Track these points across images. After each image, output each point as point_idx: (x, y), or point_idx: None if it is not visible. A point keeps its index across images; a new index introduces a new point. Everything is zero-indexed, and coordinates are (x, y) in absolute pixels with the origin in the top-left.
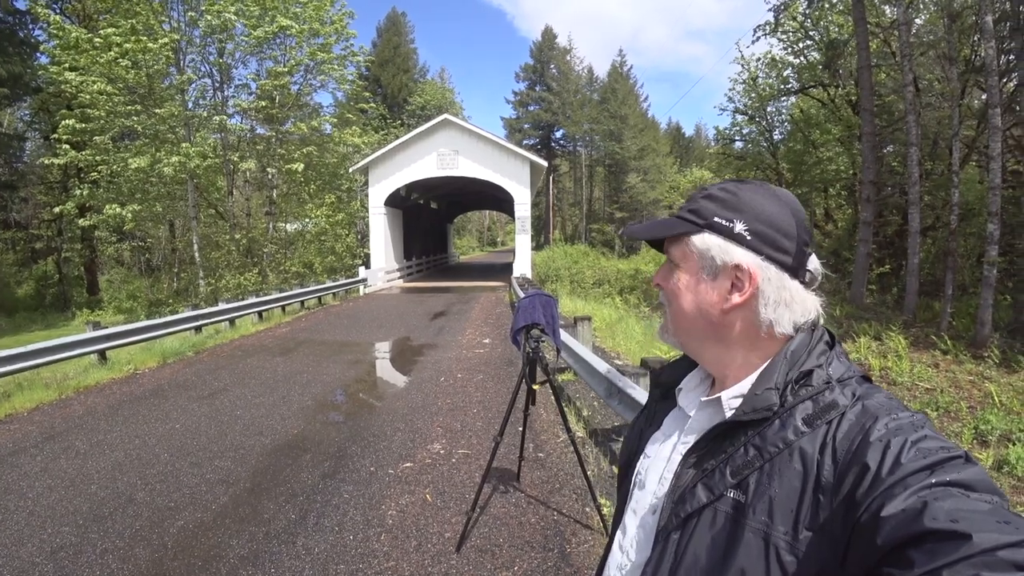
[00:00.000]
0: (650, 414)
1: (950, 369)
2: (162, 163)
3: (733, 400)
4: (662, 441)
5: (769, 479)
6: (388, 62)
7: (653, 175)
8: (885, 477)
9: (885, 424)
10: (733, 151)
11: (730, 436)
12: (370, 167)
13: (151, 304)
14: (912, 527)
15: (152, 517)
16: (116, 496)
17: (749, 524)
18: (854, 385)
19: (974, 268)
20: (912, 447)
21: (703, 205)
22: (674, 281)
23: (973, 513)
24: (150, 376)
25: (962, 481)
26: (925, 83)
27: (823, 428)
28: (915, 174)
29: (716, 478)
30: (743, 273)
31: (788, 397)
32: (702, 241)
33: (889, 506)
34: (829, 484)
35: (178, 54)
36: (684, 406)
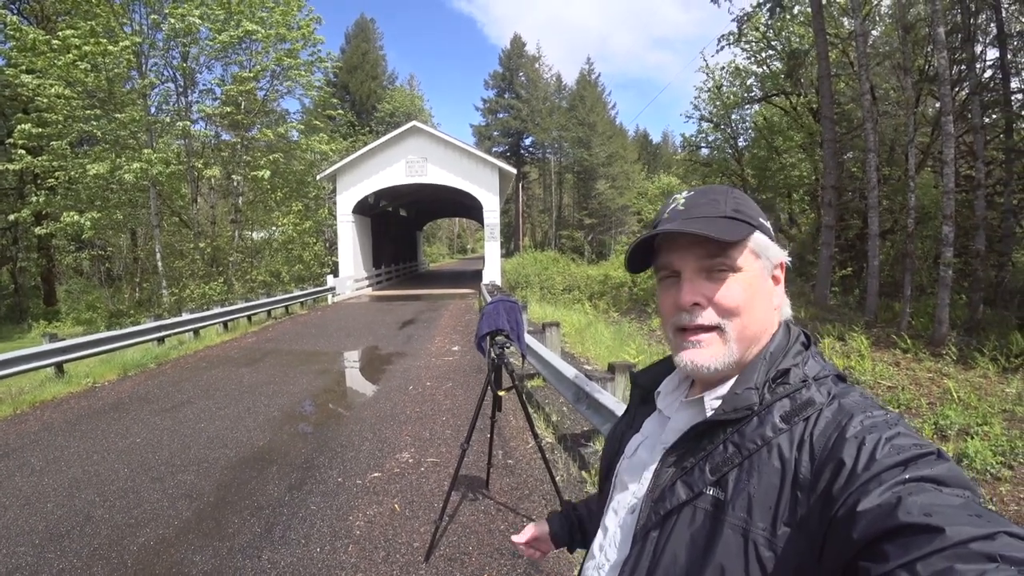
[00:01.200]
0: (630, 418)
1: (910, 367)
2: (123, 169)
3: (714, 400)
4: (641, 443)
5: (748, 476)
6: (356, 68)
7: (621, 181)
8: (860, 473)
9: (860, 421)
10: (699, 158)
11: (709, 434)
12: (338, 174)
13: (112, 315)
14: (887, 521)
15: (111, 535)
16: (74, 514)
17: (728, 520)
18: (830, 384)
19: (931, 269)
20: (886, 444)
21: (741, 206)
22: (736, 289)
23: (946, 507)
24: (110, 389)
25: (935, 476)
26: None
27: (800, 425)
28: (873, 179)
29: (695, 475)
30: (780, 269)
31: (766, 395)
32: (762, 240)
33: (864, 501)
34: (806, 480)
35: (140, 58)
36: (663, 408)
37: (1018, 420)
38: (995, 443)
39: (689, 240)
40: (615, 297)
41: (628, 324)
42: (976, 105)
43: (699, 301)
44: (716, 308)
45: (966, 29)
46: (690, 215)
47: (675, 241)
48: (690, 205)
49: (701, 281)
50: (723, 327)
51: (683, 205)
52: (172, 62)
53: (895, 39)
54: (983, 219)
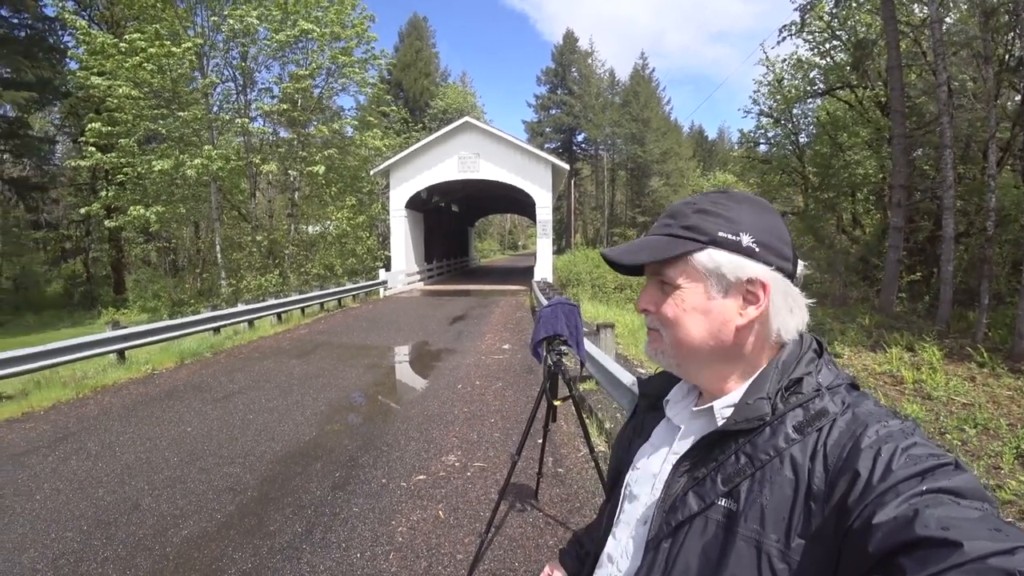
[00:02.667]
0: (638, 425)
1: (987, 383)
2: (186, 165)
3: (725, 409)
4: (651, 453)
5: (760, 487)
6: (410, 66)
7: (676, 179)
8: (876, 484)
9: (876, 431)
10: (757, 154)
11: (721, 444)
12: (391, 170)
13: (174, 304)
14: (903, 535)
15: (156, 525)
16: (122, 501)
17: (740, 532)
18: (843, 392)
19: (1010, 276)
20: (903, 454)
21: (699, 221)
22: (673, 305)
23: (964, 520)
24: (167, 377)
25: (953, 488)
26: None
27: (813, 435)
28: (949, 177)
29: (707, 486)
30: (756, 286)
31: (779, 405)
32: (709, 258)
33: (880, 513)
34: (820, 491)
35: (202, 58)
36: (672, 417)
37: None
38: None
39: None
40: None
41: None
42: None
43: (646, 307)
44: (657, 316)
45: None
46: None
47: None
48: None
49: (655, 290)
50: (661, 331)
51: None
52: (232, 62)
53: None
54: None
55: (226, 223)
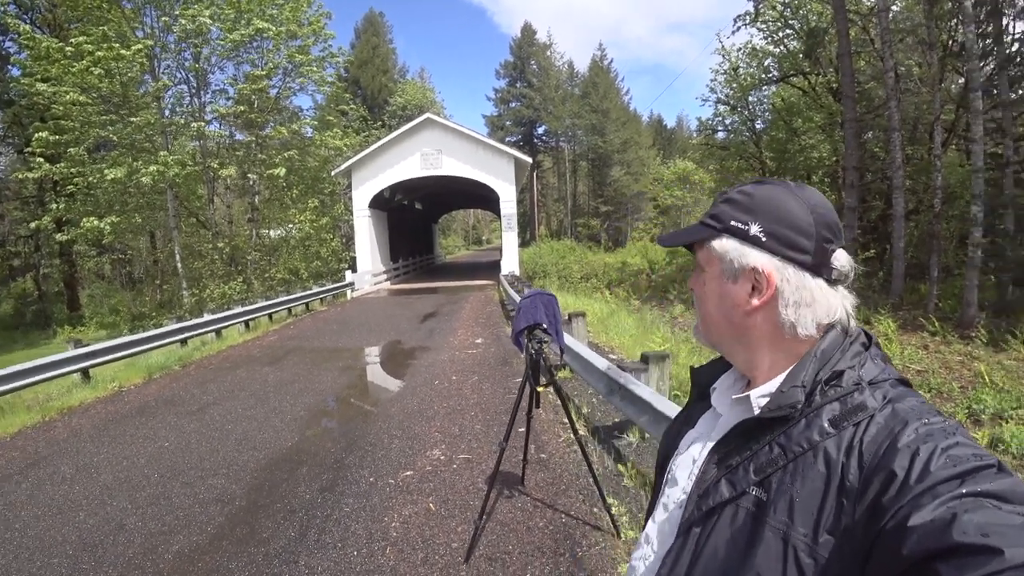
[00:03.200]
0: (688, 414)
1: (939, 350)
2: (140, 173)
3: (761, 398)
4: (694, 439)
5: (792, 479)
6: (367, 63)
7: (636, 168)
8: (913, 485)
9: (915, 429)
10: (716, 141)
11: (756, 434)
12: (353, 169)
13: (134, 318)
14: (941, 540)
15: (145, 543)
16: (106, 522)
17: (769, 523)
18: (887, 388)
19: (958, 250)
20: (942, 454)
21: (722, 210)
22: (699, 285)
23: (1005, 527)
24: (136, 393)
25: (994, 492)
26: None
27: (850, 430)
28: (898, 158)
29: (740, 475)
30: (760, 276)
31: (816, 397)
32: (720, 245)
33: (916, 516)
34: (853, 488)
35: (152, 60)
36: (716, 405)
37: None
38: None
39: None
40: (634, 285)
41: (650, 312)
42: (1003, 80)
43: (691, 285)
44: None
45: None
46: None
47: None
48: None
49: (694, 272)
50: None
51: None
52: (184, 63)
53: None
54: (1012, 198)
55: (184, 231)
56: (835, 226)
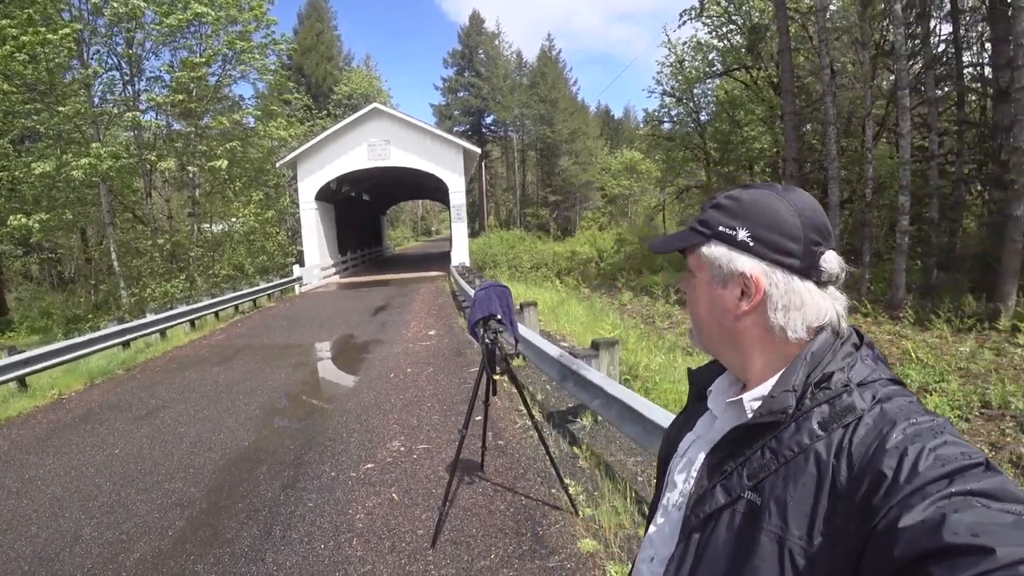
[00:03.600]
0: (687, 415)
1: (871, 330)
2: (70, 166)
3: (753, 402)
4: (693, 441)
5: (784, 483)
6: (311, 50)
7: (584, 157)
8: (903, 485)
9: (903, 429)
10: (662, 132)
11: (748, 438)
12: (298, 161)
13: (68, 321)
14: (932, 541)
15: (104, 553)
16: (61, 535)
17: (764, 527)
18: (877, 388)
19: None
20: (930, 454)
21: (710, 215)
22: (690, 289)
23: (995, 525)
24: (78, 400)
25: (983, 491)
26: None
27: (839, 432)
28: (833, 151)
29: (734, 480)
30: (749, 281)
31: (806, 400)
32: (709, 251)
33: (906, 517)
34: (844, 490)
35: (81, 45)
36: (712, 407)
37: (972, 376)
38: (952, 399)
39: None
40: (583, 273)
41: (599, 299)
42: (930, 79)
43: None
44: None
45: (921, 4)
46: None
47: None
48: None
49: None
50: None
51: None
52: (116, 49)
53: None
54: (936, 188)
55: (120, 227)
56: (823, 228)
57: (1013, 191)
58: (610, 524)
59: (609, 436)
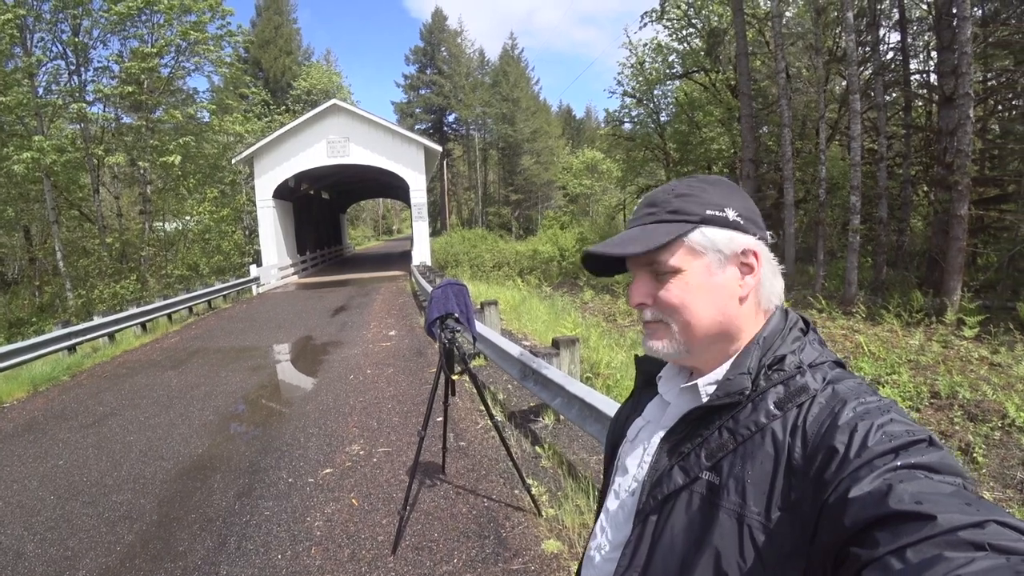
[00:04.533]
0: (635, 401)
1: (825, 325)
2: (11, 160)
3: (708, 386)
4: (643, 427)
5: (742, 461)
6: (269, 43)
7: (546, 157)
8: (852, 459)
9: (853, 408)
10: (623, 132)
11: (705, 420)
12: (255, 157)
13: (11, 324)
14: (878, 508)
15: (48, 571)
16: (1, 553)
17: (723, 505)
18: (826, 370)
19: (840, 235)
20: (879, 430)
21: (684, 204)
22: (676, 290)
23: (937, 495)
24: (19, 409)
25: (927, 464)
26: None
27: (793, 412)
28: (788, 152)
29: (691, 461)
30: (749, 256)
31: (761, 382)
32: (703, 236)
33: (856, 488)
34: (799, 466)
35: (23, 32)
36: (663, 393)
37: (922, 368)
38: (904, 390)
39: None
40: (545, 272)
41: (561, 298)
42: (879, 84)
43: (643, 301)
44: (657, 306)
45: (872, 13)
46: (632, 223)
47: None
48: (635, 214)
49: (648, 281)
50: (666, 322)
51: (633, 214)
52: (62, 36)
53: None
54: (885, 189)
55: (66, 225)
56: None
57: (957, 192)
58: (574, 524)
59: (572, 435)
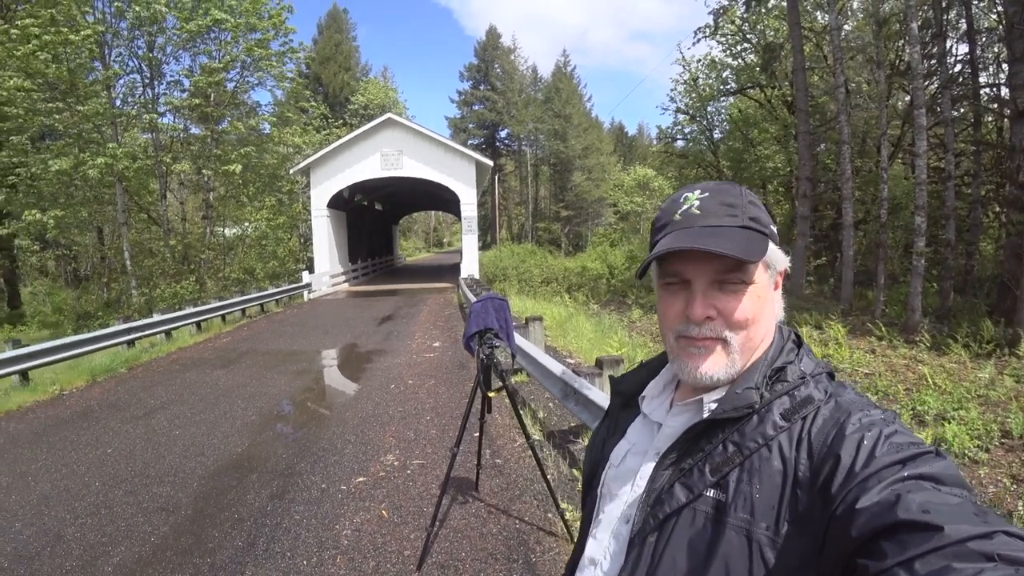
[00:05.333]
0: (612, 423)
1: (886, 354)
2: (87, 165)
3: (712, 402)
4: (628, 450)
5: (749, 476)
6: (329, 60)
7: (597, 173)
8: (859, 471)
9: (859, 419)
10: (675, 149)
11: (708, 435)
12: (312, 168)
13: (79, 317)
14: (885, 519)
15: (84, 555)
16: (43, 533)
17: (730, 522)
18: (824, 381)
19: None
20: (885, 441)
21: (759, 213)
22: (750, 303)
23: (944, 506)
24: (78, 396)
25: (933, 475)
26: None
27: (798, 423)
28: (847, 170)
29: (695, 477)
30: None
31: (764, 393)
32: (773, 251)
33: (863, 499)
34: (805, 478)
35: (103, 47)
36: (649, 413)
37: (992, 404)
38: (971, 427)
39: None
40: (593, 289)
41: (608, 316)
42: (946, 99)
43: (711, 315)
44: (726, 321)
45: (937, 24)
46: (707, 222)
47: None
48: (706, 210)
49: (714, 293)
50: (728, 339)
51: (698, 209)
52: (137, 52)
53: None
54: (952, 209)
55: (135, 227)
56: None
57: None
58: None
59: None
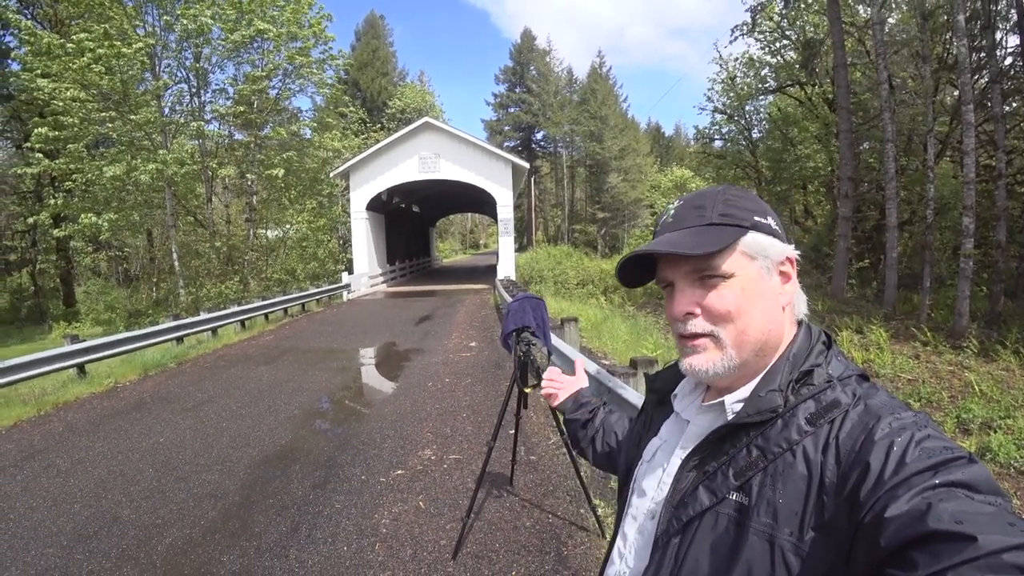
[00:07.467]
0: (647, 420)
1: (930, 360)
2: (138, 171)
3: (736, 404)
4: (660, 447)
5: (773, 480)
6: (367, 65)
7: (634, 175)
8: (889, 478)
9: (888, 424)
10: (713, 150)
11: (732, 438)
12: (351, 171)
13: (130, 315)
14: (916, 528)
15: (139, 535)
16: (101, 515)
17: (753, 526)
18: (854, 384)
19: (950, 261)
20: (916, 447)
21: (732, 209)
22: (731, 296)
23: (978, 515)
24: (131, 389)
25: (966, 482)
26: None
27: (825, 427)
28: (891, 169)
29: (718, 480)
30: (787, 264)
31: (790, 397)
32: (755, 241)
33: (893, 507)
34: (832, 484)
35: (153, 59)
36: (681, 411)
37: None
38: (1018, 437)
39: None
40: (629, 291)
41: (644, 318)
42: (996, 93)
43: (690, 310)
44: (707, 315)
45: (986, 16)
46: (677, 226)
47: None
48: (678, 216)
49: (693, 289)
50: (716, 334)
51: (672, 216)
52: (185, 63)
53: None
54: (1004, 209)
55: (182, 229)
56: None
57: None
58: None
59: None
